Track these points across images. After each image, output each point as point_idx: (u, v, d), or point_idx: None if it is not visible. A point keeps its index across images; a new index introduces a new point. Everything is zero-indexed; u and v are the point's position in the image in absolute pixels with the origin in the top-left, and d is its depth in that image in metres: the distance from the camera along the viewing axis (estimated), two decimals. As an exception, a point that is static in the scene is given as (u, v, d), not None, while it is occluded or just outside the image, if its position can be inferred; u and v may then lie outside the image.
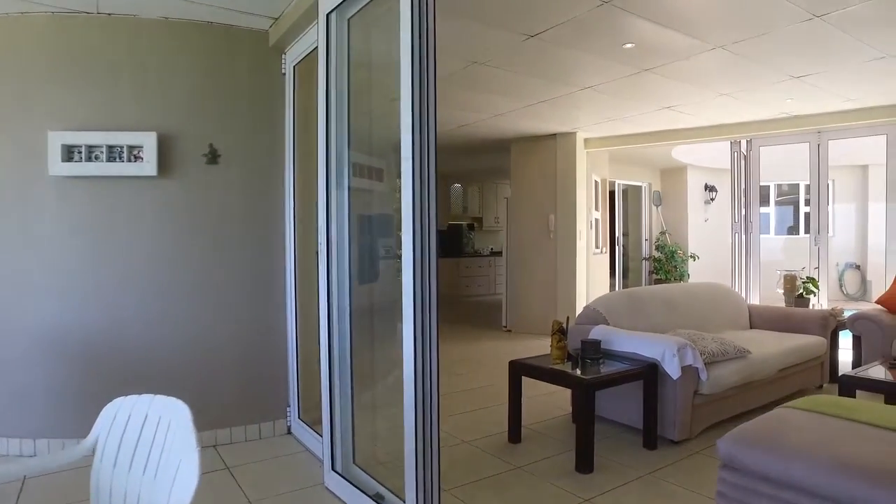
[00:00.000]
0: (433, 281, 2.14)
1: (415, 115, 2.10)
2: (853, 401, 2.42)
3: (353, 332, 2.89)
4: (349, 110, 2.88)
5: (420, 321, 2.14)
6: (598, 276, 8.14)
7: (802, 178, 11.35)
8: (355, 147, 3.01)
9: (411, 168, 2.10)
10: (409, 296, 2.12)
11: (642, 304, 4.08)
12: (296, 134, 3.43)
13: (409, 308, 2.12)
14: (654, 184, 11.47)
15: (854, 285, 11.05)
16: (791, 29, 3.65)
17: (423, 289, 2.13)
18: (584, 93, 5.11)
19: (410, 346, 2.14)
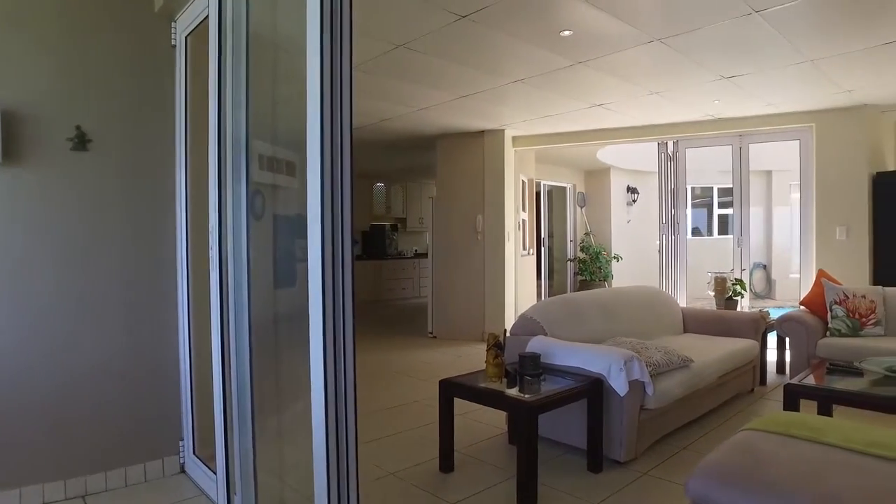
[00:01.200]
0: (347, 290, 1.73)
1: (324, 104, 1.67)
2: (817, 419, 2.24)
3: (257, 347, 2.42)
4: (248, 92, 2.41)
5: (331, 334, 1.73)
6: (526, 278, 7.95)
7: (716, 182, 11.83)
8: (260, 136, 2.54)
9: (319, 167, 1.67)
10: (318, 308, 1.70)
11: (580, 312, 3.82)
12: (188, 116, 2.89)
13: (317, 321, 1.71)
14: (578, 185, 11.51)
15: (761, 284, 11.57)
16: (729, 24, 3.51)
17: (334, 298, 1.72)
18: (515, 86, 4.82)
19: (319, 364, 1.72)
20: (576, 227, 11.52)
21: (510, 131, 6.92)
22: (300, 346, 2.25)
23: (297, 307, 2.44)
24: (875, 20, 3.60)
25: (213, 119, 2.31)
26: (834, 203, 5.88)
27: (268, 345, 2.66)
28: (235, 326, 2.44)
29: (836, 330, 4.44)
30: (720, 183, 11.76)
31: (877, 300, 4.52)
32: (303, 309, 1.88)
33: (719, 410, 3.88)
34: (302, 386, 2.46)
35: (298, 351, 2.41)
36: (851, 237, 5.82)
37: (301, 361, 2.33)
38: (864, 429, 2.13)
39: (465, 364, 5.52)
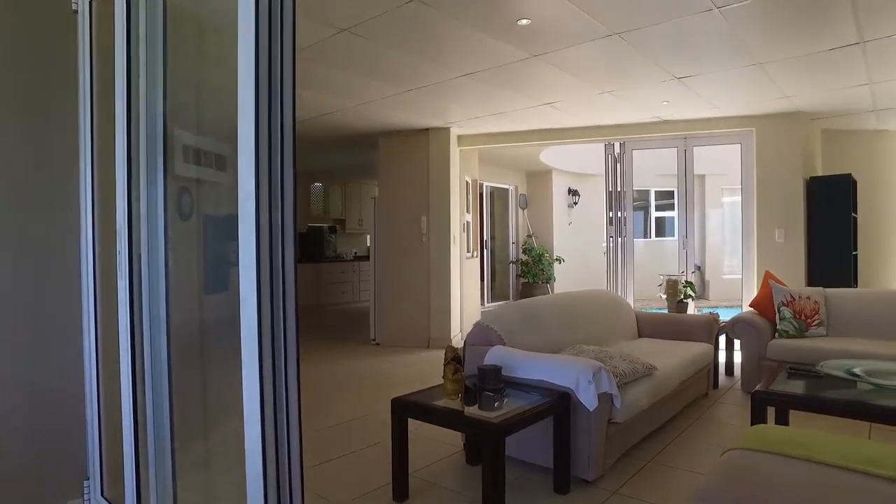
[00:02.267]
0: (290, 294, 1.42)
1: (260, 91, 1.34)
2: (803, 433, 2.09)
3: (179, 363, 2.06)
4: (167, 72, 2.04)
5: (269, 344, 1.41)
6: (471, 281, 7.75)
7: (653, 185, 12.07)
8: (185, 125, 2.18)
9: (254, 164, 1.34)
10: (251, 312, 1.37)
11: (538, 319, 3.61)
12: (94, 98, 2.45)
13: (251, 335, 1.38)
14: (520, 187, 11.46)
15: (697, 285, 11.89)
16: (689, 21, 3.41)
17: (272, 303, 1.40)
18: (465, 80, 4.58)
19: (254, 379, 1.39)
20: (518, 229, 11.46)
21: (456, 130, 6.69)
22: (234, 358, 1.90)
23: (229, 315, 2.08)
24: (822, 25, 3.60)
25: (121, 100, 1.93)
26: (773, 206, 5.99)
27: (194, 360, 2.29)
28: (150, 341, 2.06)
29: (784, 331, 4.45)
30: (657, 186, 12.01)
31: (819, 301, 4.57)
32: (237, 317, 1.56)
33: (679, 417, 3.76)
34: (238, 405, 2.11)
35: (232, 364, 2.05)
36: (789, 239, 5.95)
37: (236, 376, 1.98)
38: (855, 443, 2.00)
39: (413, 373, 5.23)
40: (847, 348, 4.01)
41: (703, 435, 3.51)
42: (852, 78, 4.77)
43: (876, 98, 5.50)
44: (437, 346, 6.55)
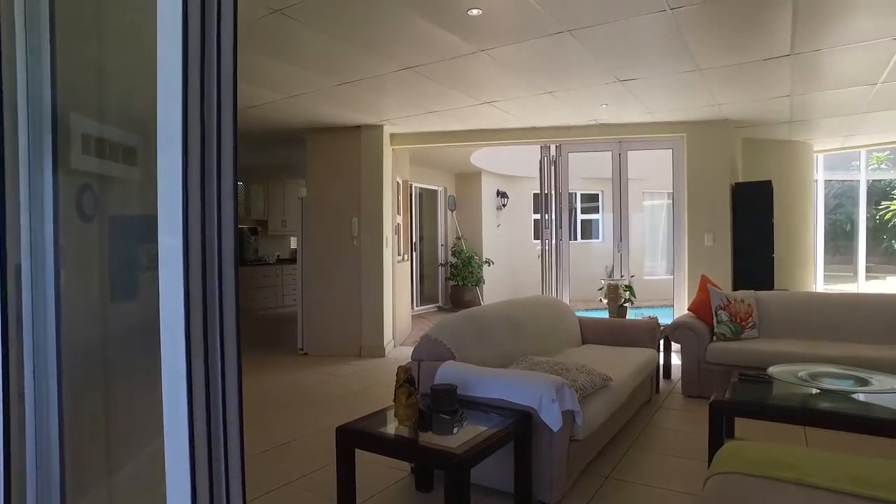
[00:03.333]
0: (228, 296, 1.11)
1: (190, 69, 1.01)
2: (784, 451, 1.99)
3: (74, 384, 1.67)
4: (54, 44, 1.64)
5: (201, 354, 1.09)
6: (402, 286, 7.48)
7: (578, 188, 12.28)
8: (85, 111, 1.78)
9: (181, 158, 1.02)
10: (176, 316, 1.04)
11: (488, 329, 3.40)
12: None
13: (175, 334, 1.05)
14: (449, 188, 11.31)
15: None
16: (643, 20, 3.32)
17: (205, 306, 1.08)
18: (405, 74, 4.31)
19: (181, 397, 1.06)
20: (447, 231, 11.31)
21: (390, 128, 6.40)
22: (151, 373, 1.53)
23: (144, 326, 1.71)
24: (762, 35, 3.64)
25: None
26: (702, 210, 6.13)
27: (96, 379, 1.89)
28: (34, 362, 1.65)
29: (722, 334, 4.50)
30: (582, 189, 12.24)
31: (752, 304, 4.66)
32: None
33: (628, 427, 3.67)
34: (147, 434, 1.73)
35: (147, 380, 1.67)
36: (717, 243, 6.11)
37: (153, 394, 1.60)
38: (835, 459, 1.92)
39: (347, 386, 4.89)
40: (780, 350, 4.09)
41: (654, 444, 3.43)
42: (777, 89, 4.92)
43: (793, 110, 5.74)
44: (369, 354, 6.23)
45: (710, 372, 4.29)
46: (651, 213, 12.91)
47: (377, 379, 5.16)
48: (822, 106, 5.60)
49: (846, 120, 6.35)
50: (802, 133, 7.12)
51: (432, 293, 11.14)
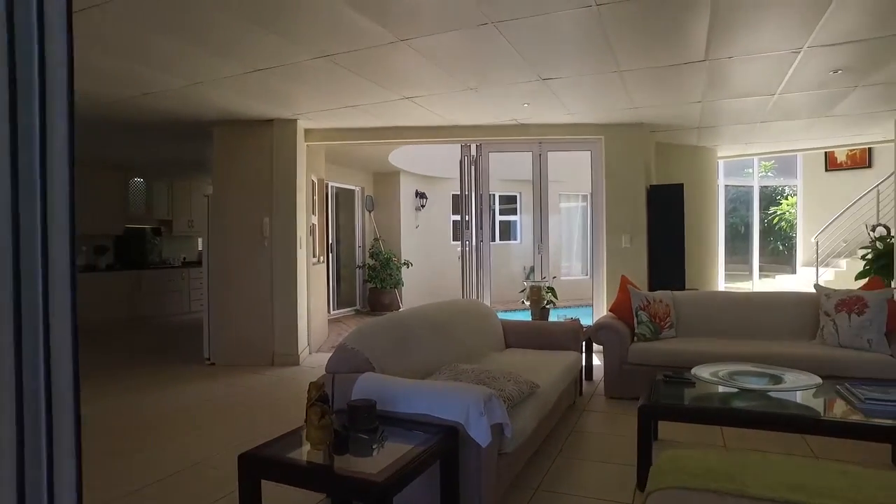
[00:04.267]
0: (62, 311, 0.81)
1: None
2: (719, 459, 1.92)
3: None
4: None
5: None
6: (318, 289, 7.13)
7: (496, 189, 12.34)
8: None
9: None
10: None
11: (410, 336, 3.19)
12: None
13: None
14: (366, 188, 11.01)
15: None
16: (570, 14, 3.23)
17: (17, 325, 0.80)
18: (320, 63, 4.01)
19: None
20: (364, 232, 11.01)
21: (304, 122, 6.05)
22: None
23: None
24: (681, 38, 3.67)
25: None
26: (619, 212, 6.24)
27: None
28: None
29: (642, 335, 4.54)
30: (500, 190, 12.31)
31: (670, 304, 4.75)
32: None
33: (555, 433, 3.58)
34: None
35: None
36: (634, 244, 6.23)
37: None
38: (772, 465, 1.88)
39: (258, 400, 4.51)
40: (697, 349, 4.16)
41: (582, 450, 3.36)
42: (690, 94, 5.06)
43: (703, 116, 5.96)
44: (282, 363, 5.84)
45: (632, 372, 4.31)
46: (567, 215, 13.20)
47: (291, 390, 4.81)
48: (728, 113, 5.85)
49: (747, 128, 6.69)
50: (709, 139, 7.45)
51: (349, 296, 10.80)
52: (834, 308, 4.22)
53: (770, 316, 4.60)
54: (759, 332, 4.53)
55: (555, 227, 12.59)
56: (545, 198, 6.49)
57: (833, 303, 4.25)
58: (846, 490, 1.69)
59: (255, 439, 2.25)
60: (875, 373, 3.80)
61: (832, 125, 6.52)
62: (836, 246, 10.78)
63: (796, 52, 3.94)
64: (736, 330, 4.59)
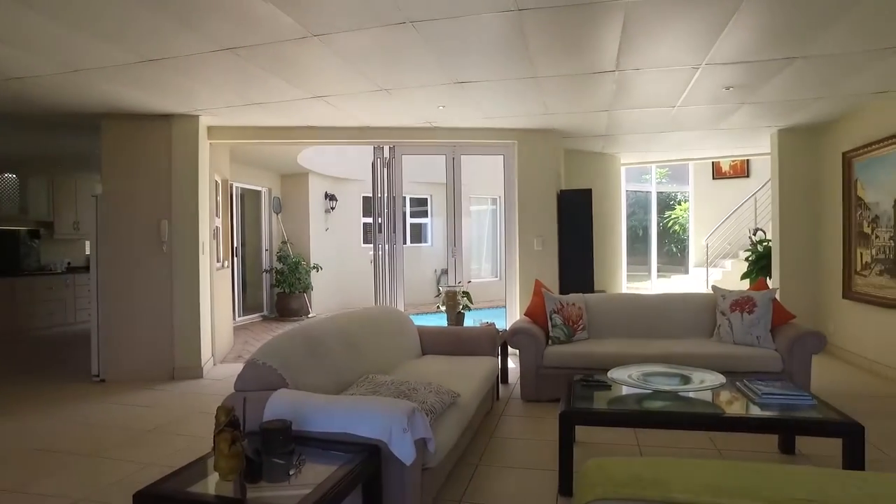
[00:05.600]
0: None
1: None
2: (645, 465, 1.94)
3: None
4: None
5: None
6: (222, 296, 6.72)
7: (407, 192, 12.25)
8: None
9: None
10: None
11: (323, 348, 3.03)
12: None
13: None
14: (274, 189, 10.57)
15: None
16: (490, 17, 3.20)
17: None
18: (223, 56, 3.73)
19: None
20: (272, 235, 10.56)
21: (207, 119, 5.65)
22: None
23: None
24: (595, 47, 3.76)
25: None
26: (532, 216, 6.36)
27: None
28: None
29: (556, 338, 4.62)
30: (411, 193, 12.24)
31: (582, 307, 4.87)
32: None
33: (475, 440, 3.55)
34: None
35: None
36: (546, 247, 6.37)
37: None
38: (693, 468, 1.92)
39: (157, 421, 4.12)
40: (609, 351, 4.30)
41: (503, 457, 3.33)
42: (599, 103, 5.23)
43: (609, 124, 6.20)
44: (184, 376, 5.43)
45: (548, 376, 4.37)
46: (477, 218, 13.36)
47: (194, 406, 4.46)
48: (632, 122, 6.11)
49: (647, 137, 7.04)
50: (613, 147, 7.78)
51: (256, 301, 10.32)
52: (729, 308, 4.51)
53: (673, 316, 4.85)
54: (664, 331, 4.76)
55: (465, 230, 12.76)
56: (459, 201, 6.49)
57: (728, 303, 4.54)
58: (761, 488, 1.76)
59: (154, 471, 2.01)
60: (763, 367, 4.10)
61: (720, 137, 7.01)
62: (723, 248, 11.68)
63: (696, 67, 4.16)
64: (643, 330, 4.80)
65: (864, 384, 4.92)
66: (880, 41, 3.67)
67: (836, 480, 1.85)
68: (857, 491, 1.74)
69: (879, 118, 5.17)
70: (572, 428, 2.78)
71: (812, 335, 4.11)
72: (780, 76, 4.38)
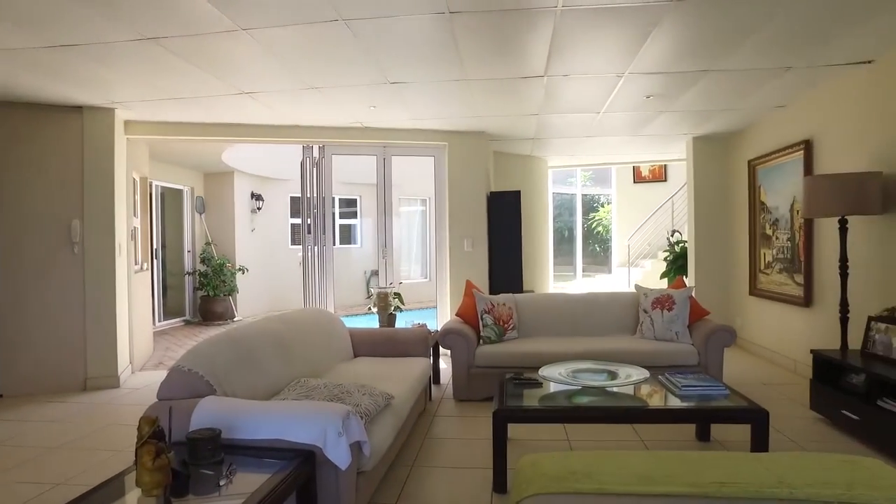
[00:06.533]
0: None
1: None
2: (577, 459, 2.00)
3: None
4: None
5: None
6: (141, 300, 6.36)
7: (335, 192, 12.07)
8: None
9: None
10: None
11: (254, 353, 2.92)
12: None
13: None
14: (197, 188, 10.13)
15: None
16: (422, 19, 3.21)
17: None
18: (144, 46, 3.53)
19: None
20: (194, 236, 10.11)
21: (124, 113, 5.34)
22: None
23: None
24: (524, 53, 3.86)
25: None
26: (462, 218, 6.42)
27: None
28: None
29: (488, 338, 4.68)
30: (340, 194, 12.07)
31: (512, 306, 4.97)
32: None
33: (408, 442, 3.54)
34: None
35: None
36: (476, 248, 6.45)
37: None
38: (622, 460, 2.00)
39: (67, 437, 3.82)
40: (539, 349, 4.41)
41: (437, 458, 3.34)
42: (528, 107, 5.36)
43: (538, 128, 6.36)
44: (98, 386, 5.09)
45: (479, 375, 4.43)
46: (406, 219, 13.36)
47: (110, 419, 4.19)
48: (560, 127, 6.31)
49: (574, 141, 7.29)
50: (541, 150, 7.99)
51: (178, 305, 9.84)
52: (650, 305, 4.74)
53: (599, 314, 5.04)
54: (590, 329, 4.94)
55: (396, 231, 12.72)
56: (389, 202, 6.46)
57: (650, 301, 4.77)
58: (684, 474, 1.86)
59: (65, 491, 1.88)
60: (682, 361, 4.34)
61: (641, 143, 7.36)
62: (643, 249, 12.27)
63: (620, 76, 4.35)
64: (571, 328, 4.96)
65: (767, 373, 5.32)
66: (778, 61, 4.03)
67: (746, 462, 1.99)
68: (765, 471, 1.87)
69: (777, 130, 5.61)
70: (505, 426, 2.83)
71: (724, 330, 4.38)
72: (695, 88, 4.65)
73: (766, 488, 1.73)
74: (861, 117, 4.30)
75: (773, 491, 1.72)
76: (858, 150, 4.32)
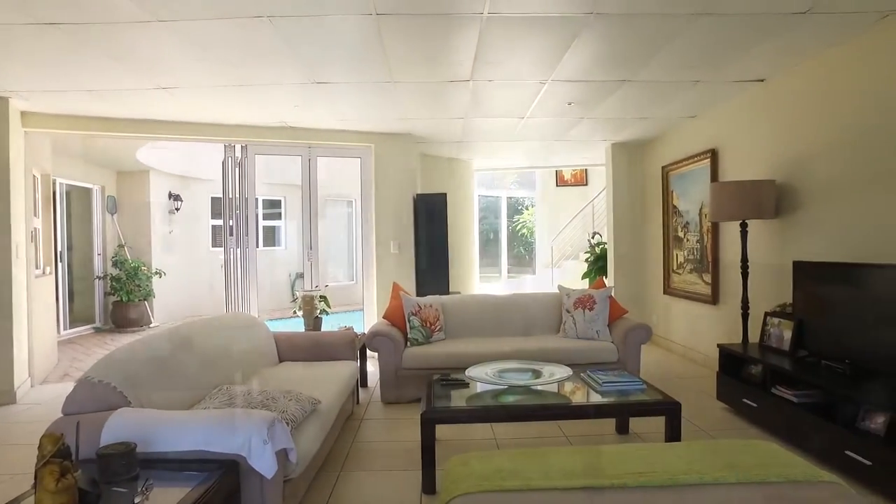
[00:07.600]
0: None
1: None
2: (501, 458, 2.05)
3: None
4: None
5: None
6: (43, 306, 5.90)
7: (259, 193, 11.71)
8: None
9: None
10: None
11: (171, 360, 2.79)
12: None
13: None
14: (108, 187, 9.53)
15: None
16: (349, 20, 3.18)
17: None
18: (45, 31, 3.27)
19: None
20: (105, 238, 9.50)
21: (19, 103, 4.94)
22: None
23: None
24: (450, 58, 3.91)
25: None
26: (389, 219, 6.41)
27: None
28: None
29: (415, 339, 4.70)
30: (263, 195, 11.72)
31: (439, 308, 5.01)
32: None
33: (336, 446, 3.49)
34: None
35: None
36: (402, 250, 6.45)
37: None
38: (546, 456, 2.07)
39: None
40: (466, 350, 4.47)
41: (366, 461, 3.31)
42: (454, 111, 5.42)
43: (464, 132, 6.45)
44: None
45: (407, 377, 4.44)
46: (332, 221, 13.15)
47: (3, 439, 3.87)
48: (485, 131, 6.42)
49: (498, 145, 7.44)
50: (467, 153, 8.09)
51: (87, 312, 9.21)
52: (573, 305, 4.91)
53: (524, 315, 5.17)
54: (515, 329, 5.06)
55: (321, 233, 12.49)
56: (315, 204, 6.35)
57: (572, 301, 4.94)
58: (605, 467, 1.95)
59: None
60: (603, 358, 4.53)
61: (563, 148, 7.62)
62: (566, 250, 12.68)
63: (543, 83, 4.49)
64: (497, 329, 5.06)
65: (680, 367, 5.65)
66: (686, 76, 4.32)
67: (661, 453, 2.12)
68: (677, 459, 2.00)
69: (687, 138, 5.99)
70: (434, 428, 2.85)
71: (641, 327, 4.61)
72: (614, 96, 4.88)
73: (679, 475, 1.85)
74: (757, 130, 4.68)
75: (684, 478, 1.83)
76: (757, 159, 4.69)
